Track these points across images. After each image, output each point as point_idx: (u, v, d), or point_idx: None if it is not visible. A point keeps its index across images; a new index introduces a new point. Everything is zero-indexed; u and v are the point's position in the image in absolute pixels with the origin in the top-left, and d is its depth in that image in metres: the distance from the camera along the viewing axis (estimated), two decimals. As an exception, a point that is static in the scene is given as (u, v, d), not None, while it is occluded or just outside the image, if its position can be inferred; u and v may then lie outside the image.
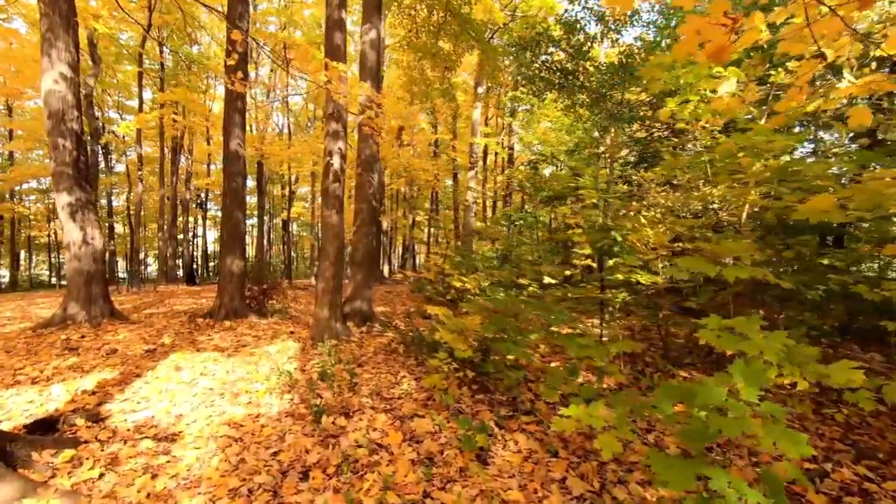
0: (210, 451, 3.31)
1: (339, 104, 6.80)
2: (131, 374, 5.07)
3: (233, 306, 9.10)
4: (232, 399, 4.34)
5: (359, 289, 8.20)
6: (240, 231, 9.37)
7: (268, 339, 7.11)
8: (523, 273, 7.54)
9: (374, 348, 6.43)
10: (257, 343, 6.86)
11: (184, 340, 6.98)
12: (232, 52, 7.44)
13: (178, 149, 27.23)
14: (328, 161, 6.91)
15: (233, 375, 5.09)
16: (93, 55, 19.58)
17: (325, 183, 6.95)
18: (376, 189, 8.53)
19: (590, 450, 3.22)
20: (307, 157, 22.15)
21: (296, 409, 4.00)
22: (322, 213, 7.03)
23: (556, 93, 12.73)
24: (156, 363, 5.57)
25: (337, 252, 6.92)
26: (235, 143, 9.16)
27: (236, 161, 9.25)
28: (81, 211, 8.41)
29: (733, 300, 4.52)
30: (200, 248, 38.10)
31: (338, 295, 6.98)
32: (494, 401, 4.17)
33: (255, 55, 27.02)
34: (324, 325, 6.79)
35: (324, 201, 7.00)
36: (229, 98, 9.10)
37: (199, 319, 8.88)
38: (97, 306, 8.55)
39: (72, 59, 8.47)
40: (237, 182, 9.29)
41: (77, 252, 8.37)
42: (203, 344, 6.74)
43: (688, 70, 4.74)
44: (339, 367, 5.11)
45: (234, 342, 6.91)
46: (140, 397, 4.34)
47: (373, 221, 8.34)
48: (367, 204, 8.28)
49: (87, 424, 3.58)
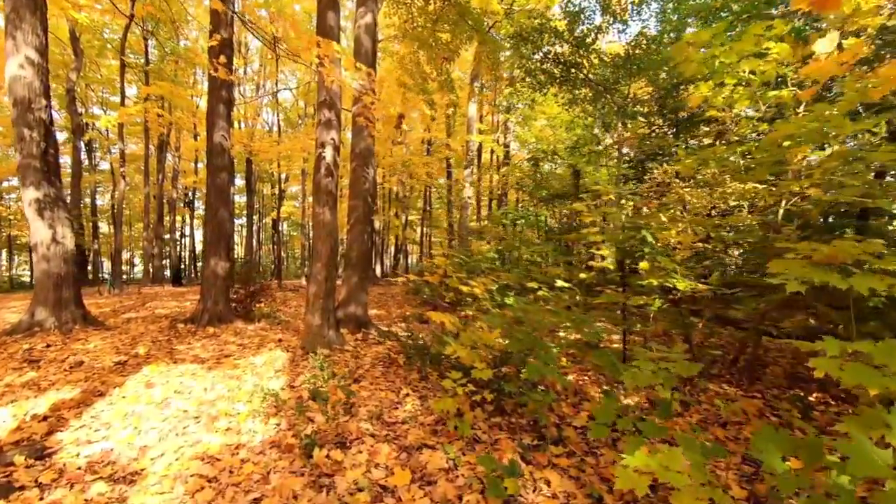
0: (176, 497, 2.70)
1: (333, 90, 6.20)
2: (94, 392, 4.44)
3: (217, 311, 8.45)
4: (209, 424, 3.73)
5: (353, 292, 7.59)
6: (225, 230, 8.73)
7: (254, 349, 6.49)
8: (531, 275, 6.98)
9: (371, 359, 5.83)
10: (242, 353, 6.23)
11: (161, 350, 6.33)
12: (214, 31, 6.81)
13: (165, 146, 26.40)
14: (320, 153, 6.29)
15: (212, 393, 4.47)
16: (75, 49, 18.78)
17: (317, 177, 6.34)
18: (371, 185, 7.93)
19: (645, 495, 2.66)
20: (297, 154, 21.44)
21: (283, 439, 3.40)
22: (313, 210, 6.42)
23: (557, 87, 12.21)
24: (125, 378, 4.93)
25: (330, 253, 6.32)
26: (220, 136, 8.51)
27: (221, 155, 8.59)
28: (50, 208, 7.72)
29: (779, 308, 3.99)
30: (188, 247, 37.21)
31: (331, 299, 6.37)
32: (514, 425, 3.60)
33: (243, 50, 26.28)
34: (315, 332, 6.18)
35: (315, 197, 6.39)
36: (213, 87, 8.44)
37: (181, 325, 8.22)
38: (68, 311, 7.87)
39: (39, 43, 7.77)
40: (222, 178, 8.64)
41: (45, 252, 7.69)
42: (182, 354, 6.10)
43: (727, 48, 4.20)
44: (333, 384, 4.52)
45: (217, 352, 6.28)
46: (100, 423, 3.71)
47: (368, 220, 7.74)
48: (363, 201, 7.68)
49: (27, 463, 2.95)
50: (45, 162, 7.71)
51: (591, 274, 5.91)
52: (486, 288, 5.23)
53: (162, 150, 26.60)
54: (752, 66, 4.20)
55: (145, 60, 23.23)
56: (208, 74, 8.44)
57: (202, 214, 34.97)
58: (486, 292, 5.26)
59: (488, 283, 5.36)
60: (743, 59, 4.23)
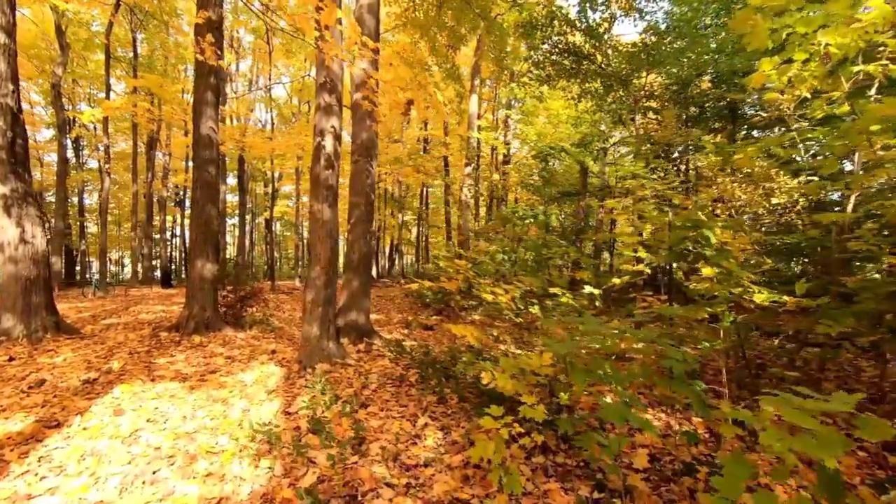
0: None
1: (333, 71, 5.49)
2: (50, 422, 3.71)
3: (204, 318, 7.72)
4: (185, 467, 3.03)
5: (355, 298, 6.88)
6: (212, 229, 7.99)
7: (244, 362, 5.78)
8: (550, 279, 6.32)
9: (377, 375, 5.13)
10: (230, 367, 5.51)
11: (138, 364, 5.60)
12: (200, 8, 6.09)
13: (154, 143, 25.47)
14: (319, 142, 5.58)
15: (191, 423, 3.76)
16: (60, 43, 18.14)
17: (315, 170, 5.63)
18: (374, 180, 7.23)
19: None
20: (292, 151, 20.67)
21: (277, 490, 2.71)
22: (311, 207, 5.71)
23: (567, 79, 11.57)
24: (91, 402, 4.21)
25: (330, 255, 5.62)
26: (208, 127, 7.78)
27: (208, 147, 7.86)
28: (18, 204, 6.98)
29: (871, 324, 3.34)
30: (178, 248, 36.29)
31: (330, 307, 5.66)
32: (562, 468, 2.93)
33: (235, 45, 25.43)
34: (314, 345, 5.47)
35: (313, 193, 5.67)
36: (200, 72, 7.70)
37: (164, 334, 7.48)
38: (38, 319, 7.13)
39: (7, 22, 7.02)
40: (209, 172, 7.91)
41: (13, 254, 6.95)
42: (161, 369, 5.37)
43: (804, 16, 3.55)
44: (336, 410, 3.82)
45: (202, 366, 5.56)
46: (49, 467, 3.00)
47: (370, 218, 7.04)
48: (364, 197, 6.97)
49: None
50: (13, 153, 6.96)
51: (623, 278, 5.26)
52: (512, 296, 4.55)
53: (151, 147, 25.71)
54: (837, 36, 3.54)
55: (133, 54, 22.40)
56: (195, 59, 7.71)
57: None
58: (512, 300, 4.59)
59: (512, 290, 4.69)
60: (822, 29, 3.58)
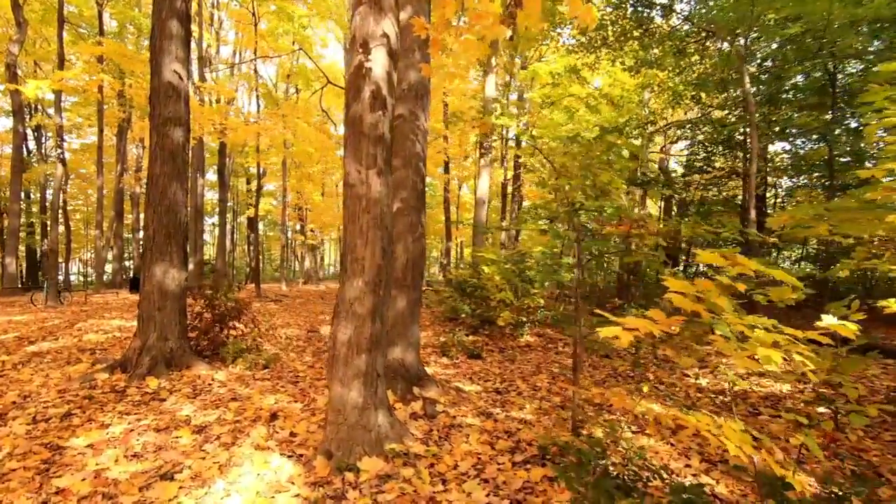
0: None
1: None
2: None
3: (164, 350, 5.21)
4: None
5: (399, 324, 4.45)
6: (179, 219, 5.47)
7: (227, 440, 3.31)
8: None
9: (470, 481, 2.74)
10: (200, 456, 3.05)
11: (30, 457, 3.09)
12: None
13: (125, 132, 22.45)
14: (360, 61, 3.14)
15: None
16: (17, 18, 16.03)
17: (353, 109, 3.18)
18: (425, 145, 4.78)
19: None
20: (278, 140, 18.01)
21: None
22: (345, 175, 3.25)
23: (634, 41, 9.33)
24: None
25: (381, 259, 3.19)
26: (171, 69, 5.28)
27: (174, 100, 5.35)
28: None
29: None
30: (152, 249, 33.09)
31: (379, 353, 3.22)
32: None
33: (216, 26, 22.57)
34: (353, 421, 3.02)
35: (351, 150, 3.22)
36: (160, -12, 5.22)
37: (103, 376, 4.96)
38: None
39: None
40: (174, 136, 5.39)
41: None
42: (69, 471, 2.88)
43: None
44: None
45: (149, 458, 3.07)
46: None
47: (421, 205, 4.63)
48: (413, 170, 4.56)
49: None
50: None
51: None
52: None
53: (122, 137, 22.75)
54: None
55: (100, 30, 19.53)
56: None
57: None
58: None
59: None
60: None
